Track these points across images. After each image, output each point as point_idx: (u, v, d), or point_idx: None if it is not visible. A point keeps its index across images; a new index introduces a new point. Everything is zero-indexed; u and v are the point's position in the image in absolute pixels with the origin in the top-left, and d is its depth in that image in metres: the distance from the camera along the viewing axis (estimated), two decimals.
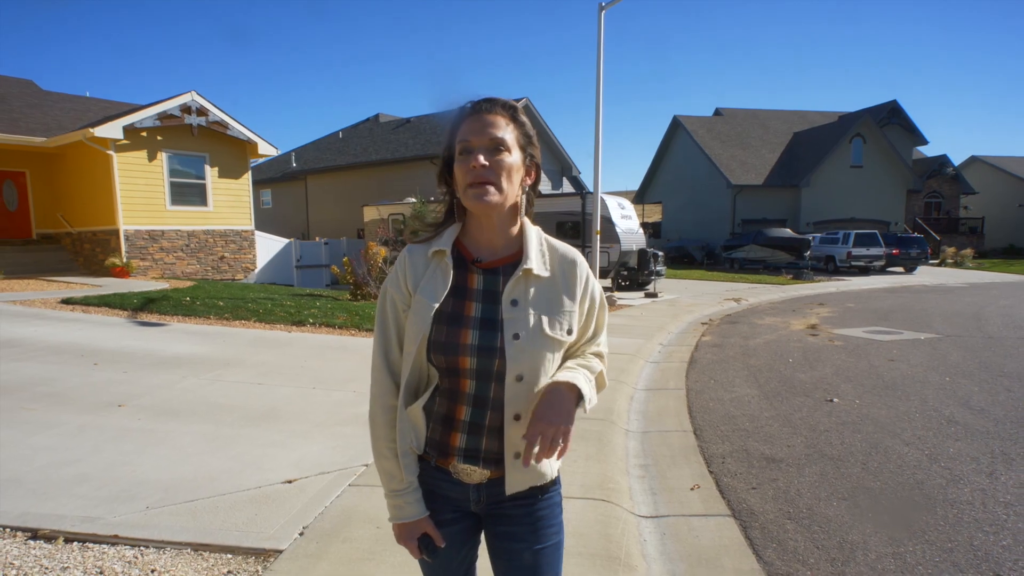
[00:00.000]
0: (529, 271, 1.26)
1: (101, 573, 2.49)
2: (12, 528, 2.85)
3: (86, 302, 9.60)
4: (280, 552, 2.71)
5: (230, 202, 16.88)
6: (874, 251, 23.73)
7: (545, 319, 1.25)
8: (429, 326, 1.23)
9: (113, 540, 2.77)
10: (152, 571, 2.53)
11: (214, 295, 10.87)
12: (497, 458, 1.27)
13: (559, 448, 1.17)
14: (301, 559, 2.65)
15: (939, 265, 28.23)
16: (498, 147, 1.23)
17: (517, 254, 1.30)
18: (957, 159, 42.74)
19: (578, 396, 1.22)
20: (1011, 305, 13.22)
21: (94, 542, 2.76)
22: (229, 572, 2.55)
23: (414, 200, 16.99)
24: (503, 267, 1.29)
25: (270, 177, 27.50)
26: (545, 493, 1.34)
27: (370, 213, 18.84)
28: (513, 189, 1.26)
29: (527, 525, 1.32)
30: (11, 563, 2.53)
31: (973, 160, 39.79)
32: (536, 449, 1.16)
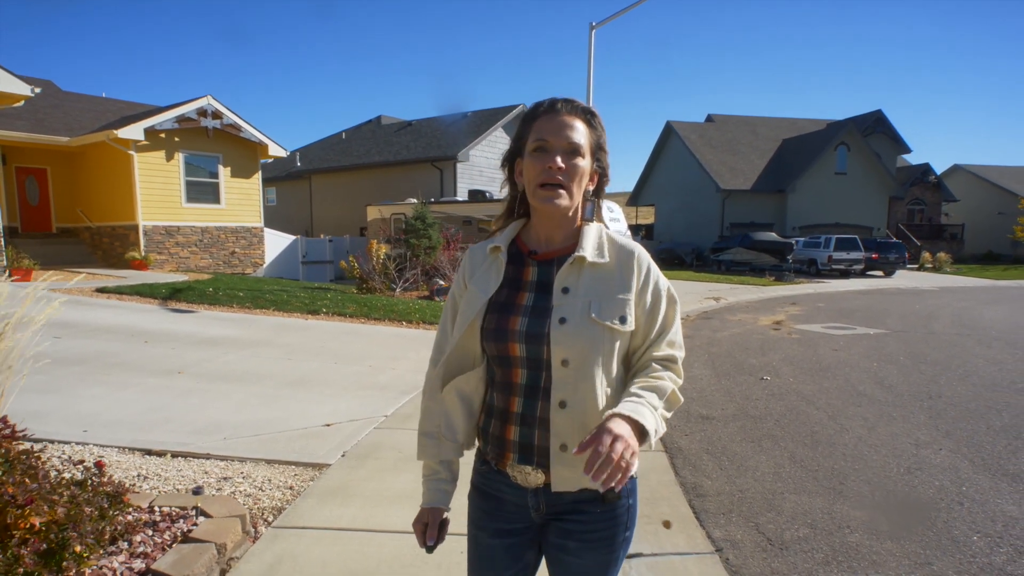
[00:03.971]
0: (582, 259, 1.26)
1: (206, 473, 3.52)
2: (130, 448, 3.88)
3: (119, 291, 10.59)
4: (329, 465, 3.74)
5: (241, 200, 17.87)
6: (854, 255, 24.82)
7: (595, 306, 1.23)
8: (476, 314, 1.29)
9: (206, 456, 3.81)
10: (241, 473, 3.56)
11: (232, 287, 11.87)
12: (549, 460, 1.25)
13: (617, 460, 1.01)
14: (345, 469, 3.69)
15: (918, 270, 29.34)
16: (575, 151, 1.24)
17: (573, 246, 1.30)
18: (940, 167, 44.07)
19: (640, 431, 1.10)
20: (967, 307, 14.28)
21: (193, 457, 3.79)
22: (295, 475, 3.58)
23: (415, 201, 17.99)
24: (558, 258, 1.30)
25: (276, 176, 28.46)
26: (607, 503, 1.28)
27: (373, 213, 19.83)
28: (580, 194, 1.28)
29: (586, 541, 1.29)
30: (139, 467, 3.56)
31: (955, 169, 41.03)
32: (593, 450, 1.02)
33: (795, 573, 2.68)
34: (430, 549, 1.34)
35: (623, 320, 1.24)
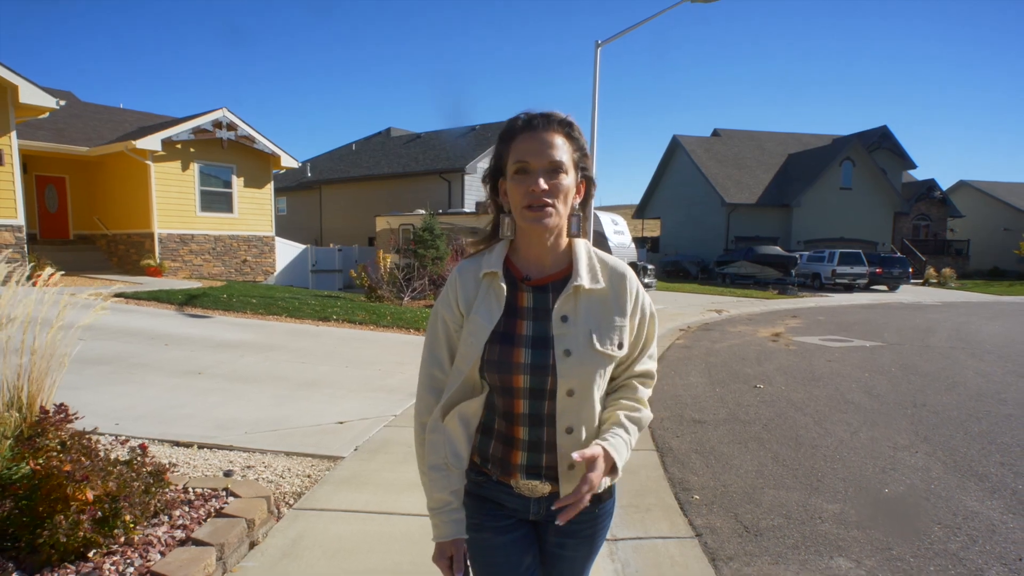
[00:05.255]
0: (580, 287, 1.26)
1: (231, 462, 3.83)
2: (159, 439, 4.19)
3: (137, 297, 10.95)
4: (343, 457, 4.04)
5: (253, 210, 18.29)
6: (857, 270, 25.03)
7: (595, 335, 1.26)
8: (483, 347, 1.27)
9: (230, 447, 4.12)
10: (262, 463, 3.86)
11: (246, 293, 12.22)
12: (556, 473, 1.31)
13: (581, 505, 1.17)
14: (358, 461, 3.99)
15: (923, 284, 29.46)
16: (557, 169, 1.23)
17: (566, 270, 1.30)
18: (946, 183, 44.18)
19: (612, 466, 1.23)
20: (967, 321, 14.46)
21: (218, 448, 4.10)
22: (312, 465, 3.88)
23: (423, 212, 18.36)
24: (552, 284, 1.30)
25: (286, 186, 28.94)
26: (601, 504, 1.39)
27: (382, 223, 20.22)
28: (567, 210, 1.27)
29: (582, 537, 1.39)
30: (169, 455, 3.87)
31: (961, 184, 41.16)
32: (567, 508, 1.17)
33: (766, 555, 2.95)
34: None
35: (621, 345, 1.29)
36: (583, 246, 1.32)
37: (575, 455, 1.16)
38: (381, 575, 2.66)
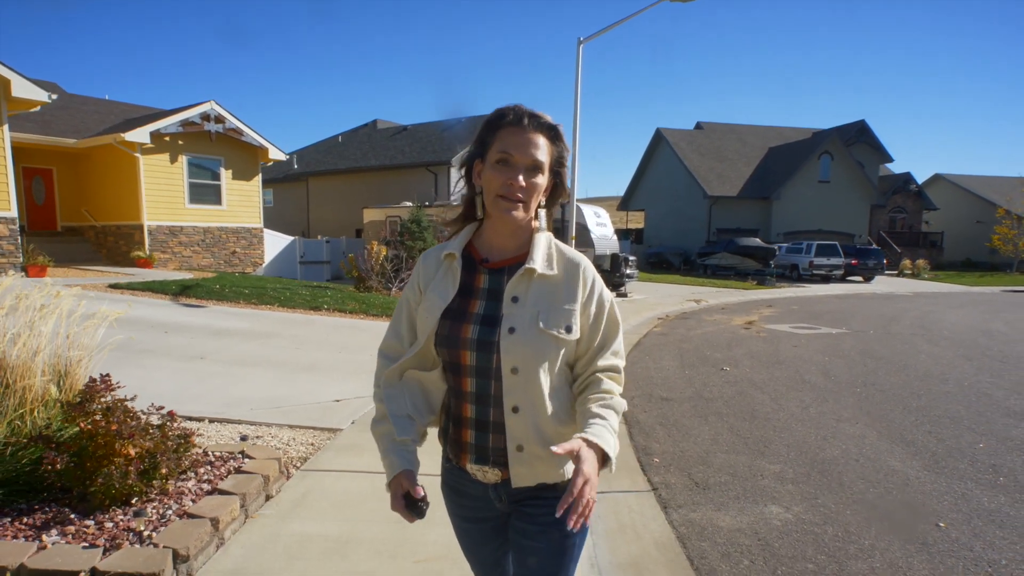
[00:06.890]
0: (532, 270, 1.32)
1: (240, 433, 4.25)
2: None
3: (131, 287, 11.26)
4: (342, 429, 4.49)
5: (242, 202, 18.55)
6: (834, 261, 25.77)
7: (542, 316, 1.30)
8: (437, 321, 1.34)
9: (238, 421, 4.55)
10: (269, 434, 4.30)
11: (237, 284, 12.55)
12: (506, 458, 1.33)
13: (586, 503, 1.13)
14: (355, 432, 4.44)
15: (897, 275, 30.31)
16: (536, 168, 1.30)
17: (523, 255, 1.36)
18: (922, 176, 45.23)
19: (603, 457, 1.20)
20: (933, 310, 15.13)
21: (228, 422, 4.53)
22: (314, 436, 4.33)
23: (411, 204, 18.71)
24: (508, 267, 1.36)
25: (273, 178, 29.09)
26: (557, 494, 1.35)
27: (370, 215, 20.55)
28: (535, 206, 1.35)
29: (541, 524, 1.36)
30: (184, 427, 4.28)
31: (936, 178, 42.19)
32: (571, 507, 1.13)
33: (710, 504, 3.45)
34: (420, 508, 1.28)
35: (568, 329, 1.31)
36: (544, 236, 1.39)
37: (555, 449, 1.15)
38: (380, 519, 3.11)
